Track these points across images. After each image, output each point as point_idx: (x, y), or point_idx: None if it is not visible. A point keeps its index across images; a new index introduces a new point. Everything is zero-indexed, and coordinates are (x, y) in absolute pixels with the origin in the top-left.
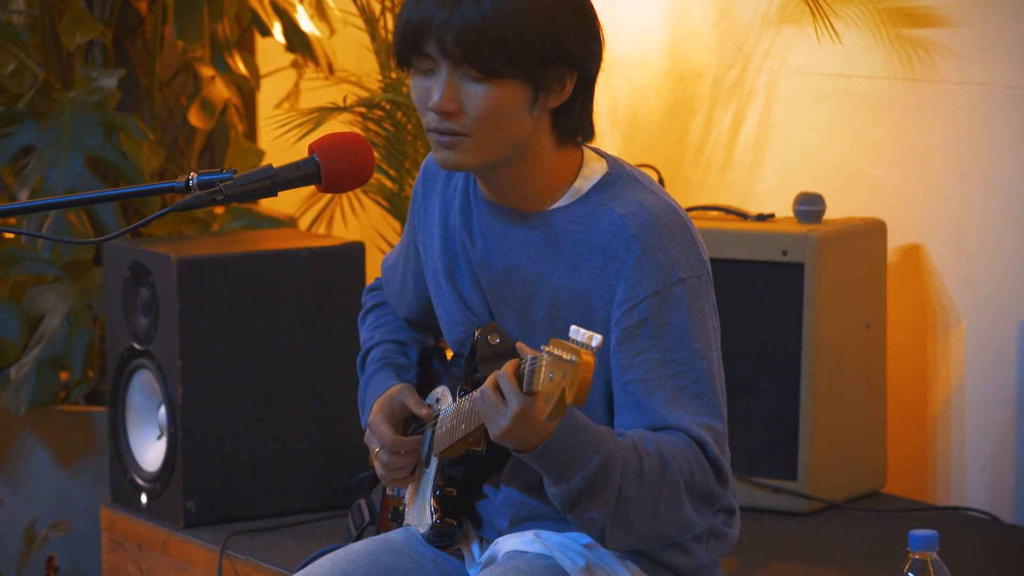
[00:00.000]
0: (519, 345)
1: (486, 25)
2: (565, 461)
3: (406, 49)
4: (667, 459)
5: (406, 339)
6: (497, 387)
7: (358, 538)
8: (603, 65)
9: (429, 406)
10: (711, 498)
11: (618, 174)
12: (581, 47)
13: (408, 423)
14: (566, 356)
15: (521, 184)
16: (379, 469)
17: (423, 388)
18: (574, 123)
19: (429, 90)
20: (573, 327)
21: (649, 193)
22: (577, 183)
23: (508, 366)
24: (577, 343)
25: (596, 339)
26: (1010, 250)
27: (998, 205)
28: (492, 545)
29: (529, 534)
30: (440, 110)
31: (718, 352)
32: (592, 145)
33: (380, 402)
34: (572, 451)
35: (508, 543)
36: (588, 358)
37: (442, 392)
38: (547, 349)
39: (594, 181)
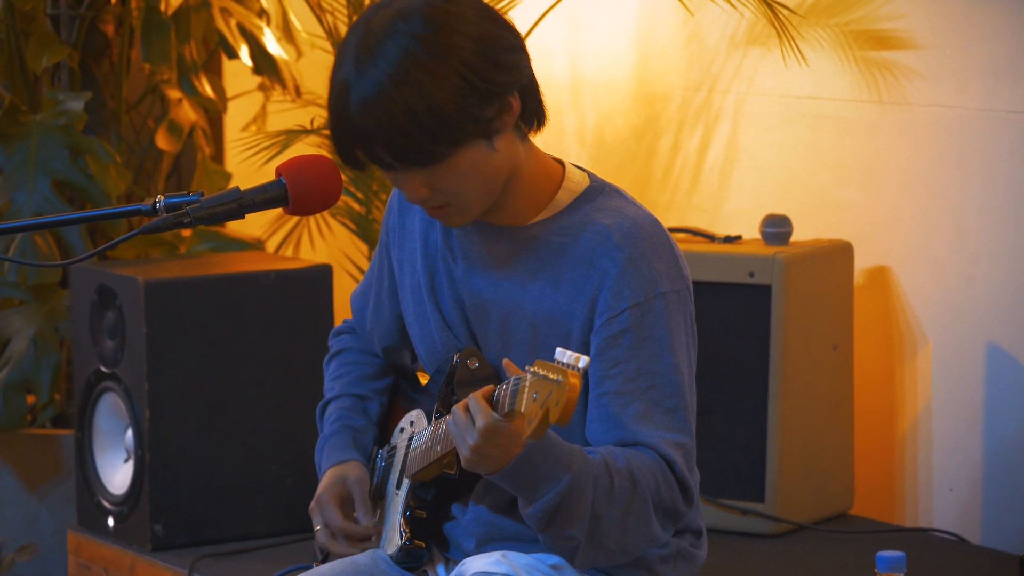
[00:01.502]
0: (506, 362)
1: (402, 129)
2: (536, 479)
3: (351, 163)
4: (636, 476)
5: (367, 392)
6: (467, 408)
7: (324, 560)
8: (564, 84)
9: (392, 448)
10: (675, 515)
11: (600, 187)
12: (503, 77)
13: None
14: (552, 376)
15: (505, 202)
16: (321, 544)
17: (395, 413)
18: (531, 115)
19: (396, 182)
20: (559, 349)
21: (632, 205)
22: (559, 196)
23: (482, 390)
24: (563, 364)
25: (583, 360)
26: (977, 271)
27: (966, 228)
28: (459, 566)
29: (496, 555)
30: (415, 202)
31: (692, 367)
32: (574, 163)
33: (332, 478)
34: (543, 470)
35: (475, 564)
36: (575, 379)
37: (416, 416)
38: (532, 369)
39: (576, 193)
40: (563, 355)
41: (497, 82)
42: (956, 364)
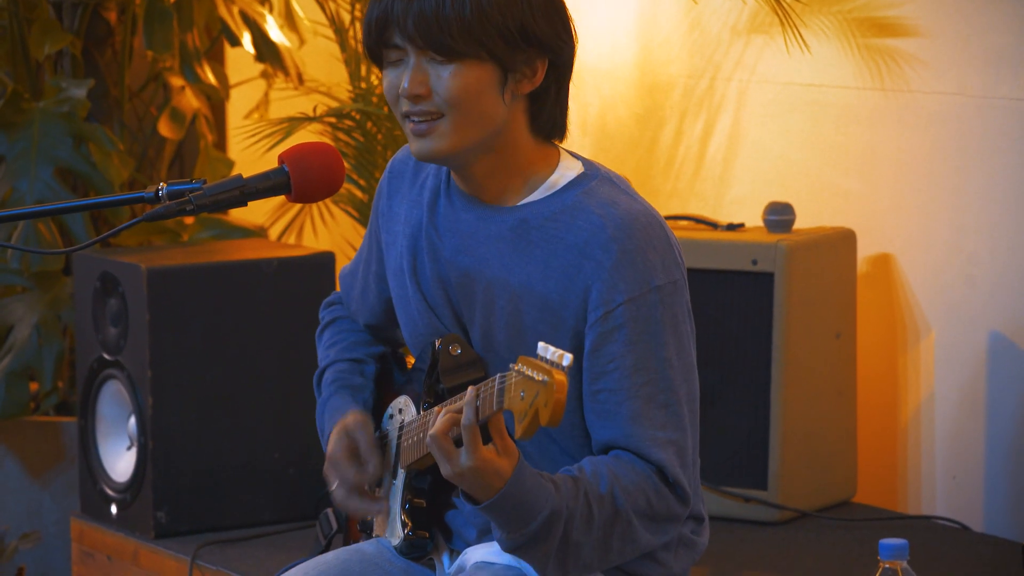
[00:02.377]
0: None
1: (442, 6)
2: (510, 521)
3: (374, 43)
4: (620, 500)
5: (362, 356)
6: (439, 442)
7: (327, 548)
8: (576, 58)
9: (384, 435)
10: (672, 519)
11: (593, 174)
12: (547, 29)
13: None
14: (537, 376)
15: (496, 175)
16: (339, 502)
17: (384, 398)
18: (548, 115)
19: (399, 77)
20: (541, 344)
21: (625, 195)
22: (552, 178)
23: (443, 424)
24: (547, 361)
25: (567, 358)
26: (980, 258)
27: (968, 215)
28: (461, 556)
29: (496, 544)
30: (410, 94)
31: (690, 358)
32: (569, 149)
33: (338, 435)
34: (515, 514)
35: (476, 553)
36: (560, 378)
37: (404, 403)
38: (516, 367)
39: (569, 178)
40: (546, 351)
41: (543, 32)
42: (959, 352)
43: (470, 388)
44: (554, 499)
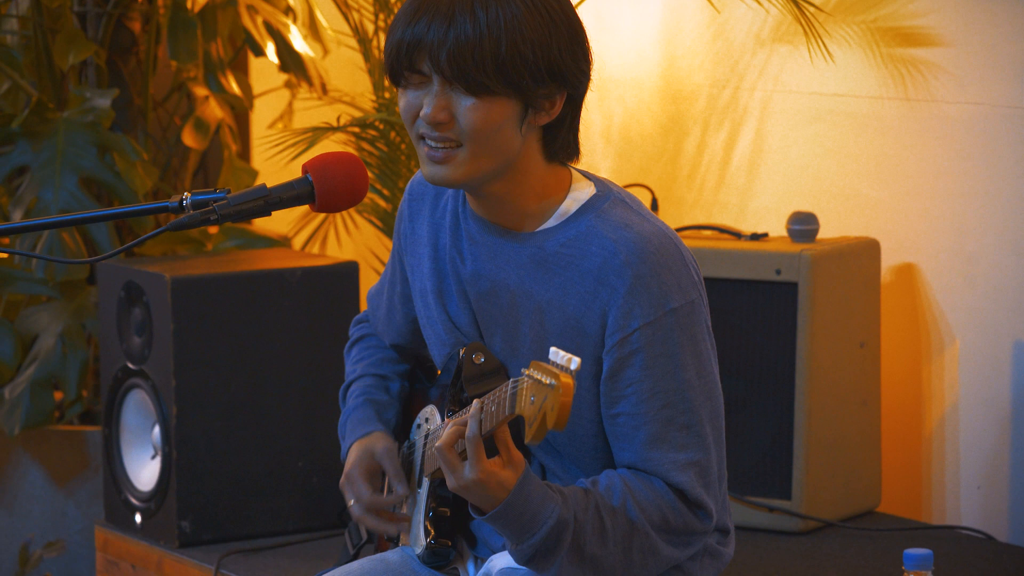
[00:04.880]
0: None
1: (480, 43)
2: (515, 531)
3: (399, 65)
4: (632, 513)
5: (388, 372)
6: (444, 454)
7: (354, 557)
8: (592, 85)
9: (411, 445)
10: (693, 534)
11: (605, 195)
12: (572, 65)
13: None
14: (546, 380)
15: (510, 201)
16: (356, 518)
17: (411, 407)
18: (562, 141)
19: (419, 100)
20: (553, 348)
21: (637, 216)
22: (565, 204)
23: (449, 437)
24: (557, 365)
25: (575, 361)
26: (1005, 269)
27: (993, 225)
28: (486, 563)
29: None
30: (431, 121)
31: (713, 375)
32: (580, 167)
33: (360, 452)
34: (518, 523)
35: (501, 560)
36: (567, 380)
37: (430, 412)
38: (527, 372)
39: (582, 202)
40: (556, 355)
41: (568, 68)
42: (983, 361)
43: (475, 401)
44: (560, 510)
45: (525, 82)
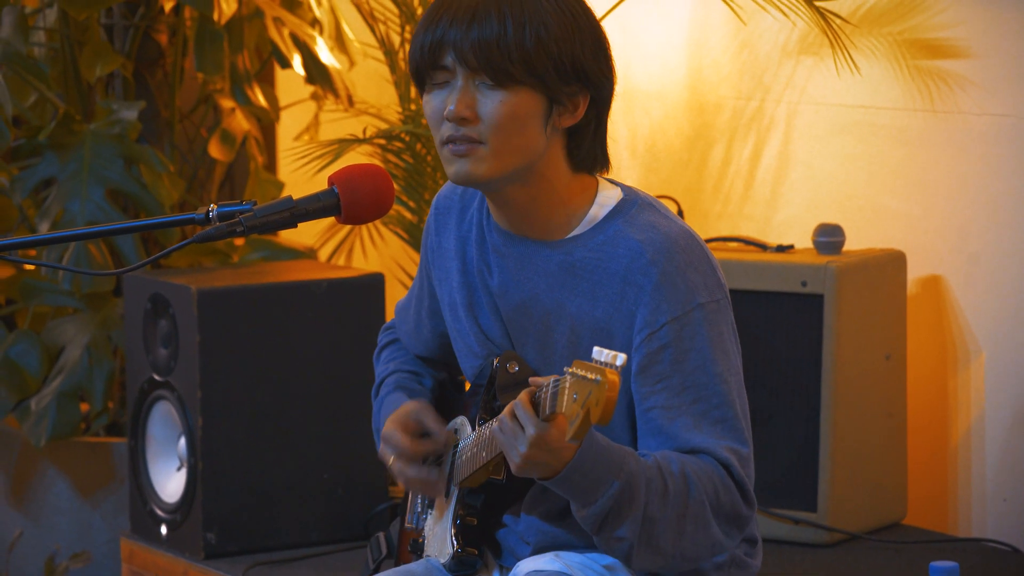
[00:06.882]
0: (531, 380)
1: (505, 34)
2: (589, 484)
3: (424, 64)
4: (691, 479)
5: (420, 370)
6: (514, 415)
7: (375, 571)
8: (618, 97)
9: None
10: (739, 520)
11: (632, 200)
12: (595, 66)
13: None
14: (590, 376)
15: (535, 209)
16: (397, 474)
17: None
18: (587, 149)
19: (444, 100)
20: (596, 348)
21: (664, 218)
22: (592, 211)
23: (524, 394)
24: (601, 363)
25: (620, 358)
26: None
27: (1019, 237)
28: (511, 572)
29: (549, 555)
30: (456, 116)
31: (739, 375)
32: (607, 176)
33: (394, 416)
34: (595, 474)
35: (527, 565)
36: (613, 377)
37: (461, 423)
38: (570, 371)
39: (609, 208)
40: (600, 354)
41: (591, 68)
42: (1010, 374)
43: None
44: (632, 460)
45: (549, 75)
